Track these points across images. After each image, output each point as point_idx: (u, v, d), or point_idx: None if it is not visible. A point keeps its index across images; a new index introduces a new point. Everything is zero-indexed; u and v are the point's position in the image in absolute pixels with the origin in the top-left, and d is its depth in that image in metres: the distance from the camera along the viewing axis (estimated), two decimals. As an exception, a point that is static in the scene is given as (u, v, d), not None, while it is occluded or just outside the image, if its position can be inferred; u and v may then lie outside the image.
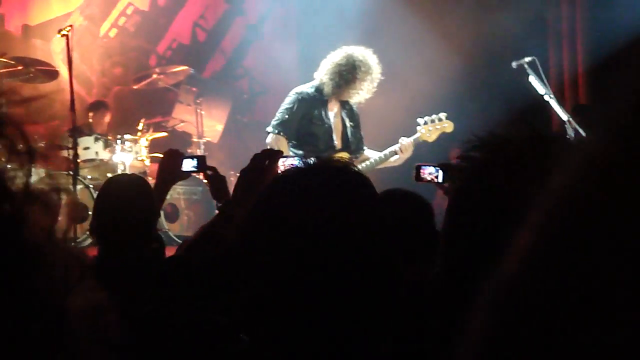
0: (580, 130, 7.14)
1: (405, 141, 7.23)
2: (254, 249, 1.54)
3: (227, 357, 1.99)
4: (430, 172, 4.12)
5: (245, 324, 1.59)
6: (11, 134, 0.90)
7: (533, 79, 7.36)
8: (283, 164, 3.26)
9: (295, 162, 1.56)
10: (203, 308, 2.50)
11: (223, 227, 2.72)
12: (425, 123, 7.34)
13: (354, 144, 7.33)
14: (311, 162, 1.64)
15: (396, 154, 7.22)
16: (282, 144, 7.01)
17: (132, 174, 5.88)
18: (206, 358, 2.36)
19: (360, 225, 1.51)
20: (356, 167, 1.69)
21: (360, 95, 7.14)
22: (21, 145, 0.91)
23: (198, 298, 2.55)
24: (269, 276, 1.51)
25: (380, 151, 7.34)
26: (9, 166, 0.89)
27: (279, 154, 3.20)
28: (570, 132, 7.10)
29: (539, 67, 7.41)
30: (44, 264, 0.90)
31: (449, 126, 7.37)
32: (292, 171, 1.62)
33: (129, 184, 4.04)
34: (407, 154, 7.23)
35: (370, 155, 7.39)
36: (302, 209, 1.52)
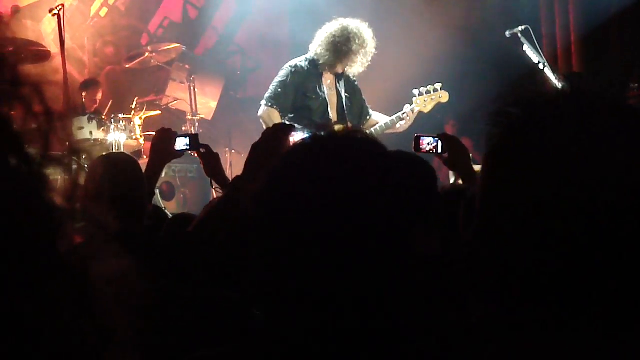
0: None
1: (409, 109, 7.25)
2: (269, 221, 1.53)
3: (240, 332, 1.99)
4: (429, 143, 4.14)
5: (257, 299, 1.58)
6: (28, 95, 0.88)
7: (527, 48, 7.34)
8: (293, 138, 3.24)
9: (306, 135, 1.56)
10: (215, 284, 2.50)
11: (235, 202, 2.71)
12: (421, 94, 7.33)
13: (350, 115, 7.32)
14: (322, 133, 1.62)
15: (402, 119, 7.25)
16: (275, 117, 7.00)
17: (120, 152, 5.84)
18: (219, 333, 2.36)
19: (375, 194, 1.50)
20: (367, 133, 1.67)
21: (354, 68, 7.15)
22: (38, 106, 0.88)
23: (210, 274, 2.56)
24: (284, 249, 1.50)
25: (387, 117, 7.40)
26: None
27: (290, 128, 3.19)
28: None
29: (533, 35, 7.39)
30: (65, 227, 0.88)
31: (444, 97, 7.36)
32: (305, 143, 1.61)
33: (117, 162, 4.03)
34: (411, 121, 7.26)
35: (380, 119, 7.42)
36: (316, 179, 1.50)
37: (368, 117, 7.52)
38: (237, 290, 2.45)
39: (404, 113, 7.27)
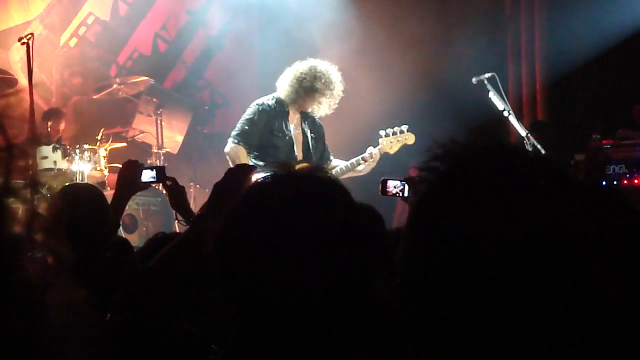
0: (539, 146, 7.22)
1: (373, 150, 7.28)
2: (229, 260, 1.53)
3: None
4: (395, 186, 4.18)
5: (216, 334, 1.58)
6: None
7: (492, 95, 7.42)
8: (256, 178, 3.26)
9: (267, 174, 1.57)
10: (175, 318, 2.49)
11: (196, 240, 2.70)
12: (387, 135, 7.37)
13: (315, 155, 7.36)
14: (283, 173, 1.63)
15: (363, 162, 7.26)
16: (242, 154, 7.02)
17: (86, 183, 5.81)
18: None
19: (332, 235, 1.51)
20: (329, 173, 1.68)
21: (320, 109, 7.18)
22: None
23: (171, 308, 2.55)
24: (243, 287, 1.50)
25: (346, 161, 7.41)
26: None
27: (252, 169, 3.20)
28: (529, 148, 7.17)
29: (499, 83, 7.48)
30: (22, 258, 0.88)
31: (410, 138, 7.40)
32: (264, 182, 1.62)
33: (84, 193, 4.02)
34: (374, 163, 7.27)
35: (338, 163, 7.44)
36: (274, 219, 1.51)
37: (328, 162, 7.55)
38: (197, 325, 2.44)
39: (365, 155, 7.30)
